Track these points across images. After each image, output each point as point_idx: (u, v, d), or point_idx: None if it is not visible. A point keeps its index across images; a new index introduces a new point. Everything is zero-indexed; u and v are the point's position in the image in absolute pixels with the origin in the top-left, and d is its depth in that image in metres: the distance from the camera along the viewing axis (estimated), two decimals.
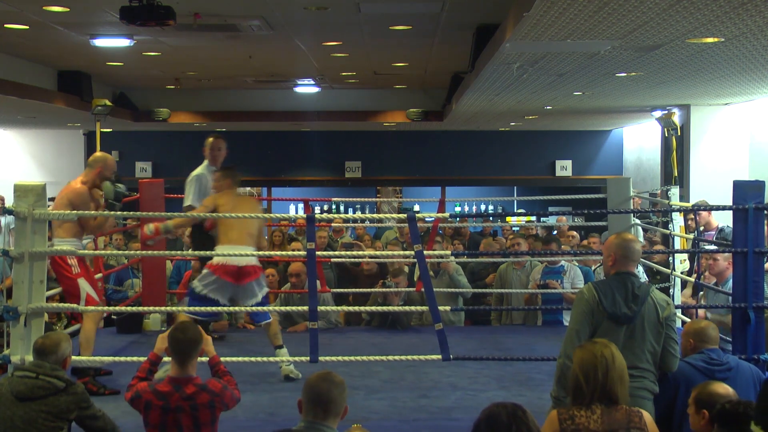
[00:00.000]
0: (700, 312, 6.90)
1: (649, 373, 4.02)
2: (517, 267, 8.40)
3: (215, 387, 3.90)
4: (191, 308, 5.99)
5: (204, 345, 4.20)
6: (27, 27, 8.22)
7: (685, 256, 7.73)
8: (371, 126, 15.32)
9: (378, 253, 9.32)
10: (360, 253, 9.16)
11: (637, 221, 8.72)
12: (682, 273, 7.53)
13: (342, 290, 8.57)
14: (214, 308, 6.00)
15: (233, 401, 4.01)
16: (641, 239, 9.17)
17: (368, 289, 8.30)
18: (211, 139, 7.51)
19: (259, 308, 6.22)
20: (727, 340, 5.46)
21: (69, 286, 6.07)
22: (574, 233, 9.90)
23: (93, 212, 5.99)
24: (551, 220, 13.48)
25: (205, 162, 7.43)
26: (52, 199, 5.97)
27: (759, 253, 5.26)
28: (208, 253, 6.19)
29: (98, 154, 6.62)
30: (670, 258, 7.82)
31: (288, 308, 6.66)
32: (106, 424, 4.26)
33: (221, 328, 7.83)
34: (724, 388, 3.64)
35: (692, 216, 7.96)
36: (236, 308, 6.37)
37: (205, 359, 4.27)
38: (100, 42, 8.66)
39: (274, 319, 6.37)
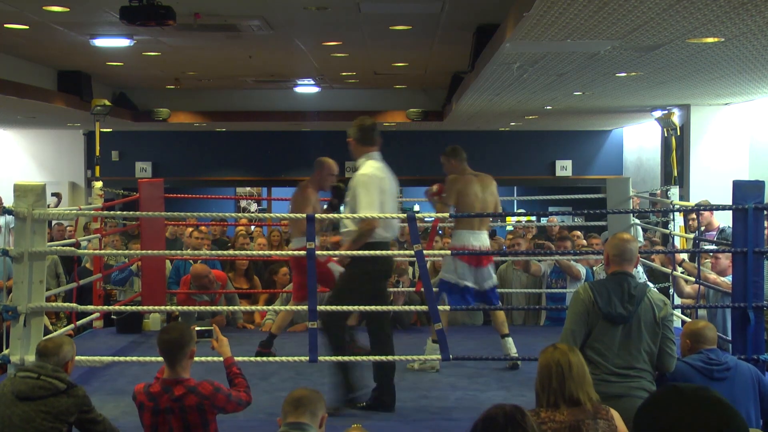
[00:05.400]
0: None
1: (646, 372, 4.02)
2: (517, 267, 8.40)
3: (205, 389, 3.84)
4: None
5: (219, 347, 4.21)
6: (27, 27, 8.22)
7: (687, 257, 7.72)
8: None
9: (378, 253, 9.28)
10: (361, 253, 9.10)
11: (637, 221, 8.72)
12: (682, 273, 7.53)
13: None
14: (205, 308, 5.98)
15: (232, 404, 3.93)
16: (641, 239, 9.17)
17: None
18: None
19: (252, 308, 6.20)
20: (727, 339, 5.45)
21: (322, 274, 6.31)
22: (579, 233, 9.92)
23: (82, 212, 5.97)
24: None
25: None
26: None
27: (759, 253, 5.25)
28: (205, 253, 6.16)
29: (318, 159, 6.92)
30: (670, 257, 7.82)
31: (287, 308, 6.64)
32: (107, 429, 4.25)
33: (219, 324, 7.82)
34: None
35: (694, 216, 7.96)
36: (233, 308, 6.37)
37: (220, 359, 4.29)
38: (100, 42, 8.66)
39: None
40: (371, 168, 5.63)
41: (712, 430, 1.70)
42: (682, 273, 7.38)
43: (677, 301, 7.51)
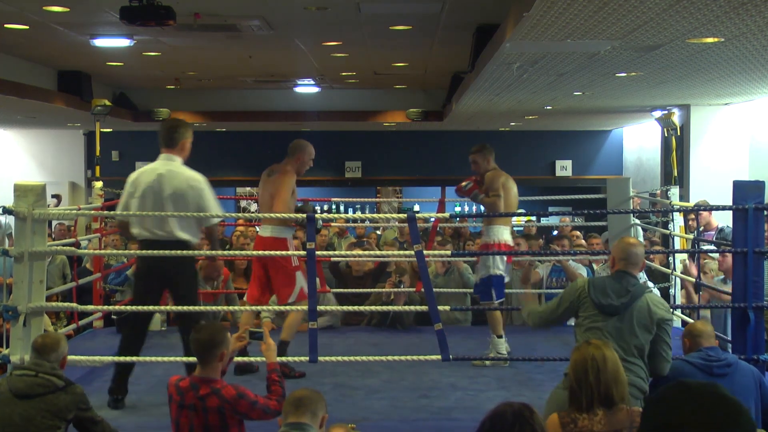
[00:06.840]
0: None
1: (638, 367, 4.07)
2: (517, 267, 8.39)
3: (228, 394, 3.81)
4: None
5: (266, 350, 4.21)
6: (27, 27, 8.22)
7: (686, 257, 7.73)
8: (371, 126, 15.32)
9: (378, 253, 9.30)
10: (361, 253, 9.14)
11: (637, 221, 8.72)
12: (682, 273, 7.53)
13: (344, 290, 8.49)
14: (205, 309, 5.98)
15: (257, 412, 3.84)
16: (641, 239, 9.16)
17: (373, 289, 8.27)
18: None
19: (255, 308, 6.19)
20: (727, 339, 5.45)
21: (286, 277, 6.34)
22: (578, 233, 9.93)
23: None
24: (550, 221, 13.47)
25: None
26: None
27: (759, 253, 5.26)
28: (205, 253, 6.15)
29: (298, 141, 6.88)
30: (670, 258, 7.82)
31: (287, 308, 6.63)
32: (105, 429, 4.24)
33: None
34: None
35: (693, 216, 7.97)
36: (233, 308, 6.36)
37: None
38: (100, 42, 8.66)
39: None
40: (138, 170, 5.83)
41: (720, 426, 1.70)
42: (682, 273, 7.39)
43: (678, 301, 7.51)
